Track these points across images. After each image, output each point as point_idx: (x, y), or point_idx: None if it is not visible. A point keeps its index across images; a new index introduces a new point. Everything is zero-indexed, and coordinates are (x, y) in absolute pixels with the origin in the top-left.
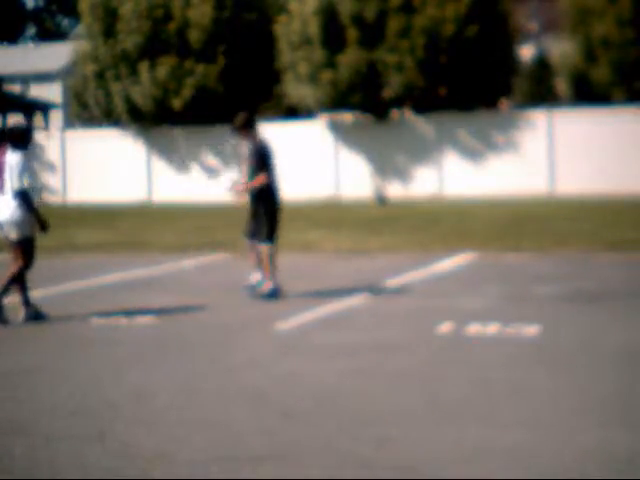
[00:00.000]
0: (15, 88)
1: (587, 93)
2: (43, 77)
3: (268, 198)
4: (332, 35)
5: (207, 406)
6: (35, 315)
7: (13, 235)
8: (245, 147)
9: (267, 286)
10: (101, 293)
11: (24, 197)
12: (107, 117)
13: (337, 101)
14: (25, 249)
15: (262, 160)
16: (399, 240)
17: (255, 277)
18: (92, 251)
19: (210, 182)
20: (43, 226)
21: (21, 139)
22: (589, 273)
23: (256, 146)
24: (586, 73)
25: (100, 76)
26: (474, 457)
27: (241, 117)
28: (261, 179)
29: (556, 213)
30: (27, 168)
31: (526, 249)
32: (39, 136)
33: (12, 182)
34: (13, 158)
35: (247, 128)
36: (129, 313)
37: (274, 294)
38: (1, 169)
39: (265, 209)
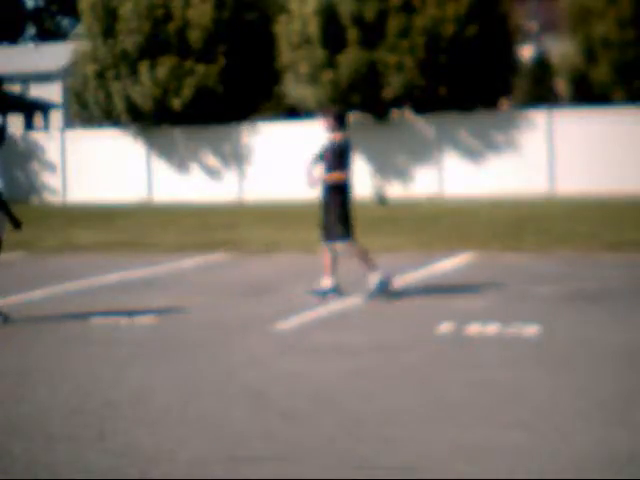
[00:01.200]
0: (15, 88)
1: (587, 93)
2: (43, 77)
3: (342, 197)
4: (332, 35)
5: (207, 406)
6: None
7: None
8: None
9: (378, 277)
10: (101, 293)
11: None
12: (107, 117)
13: (337, 101)
14: None
15: (341, 158)
16: (399, 240)
17: (325, 282)
18: (92, 251)
19: (210, 183)
20: (17, 223)
21: None
22: (589, 273)
23: (338, 143)
24: (586, 73)
25: (100, 76)
26: (474, 457)
27: (336, 110)
28: (337, 176)
29: (556, 213)
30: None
31: (526, 249)
32: (39, 136)
33: None
34: None
35: (336, 122)
36: (129, 313)
37: (384, 286)
38: None
39: (339, 208)
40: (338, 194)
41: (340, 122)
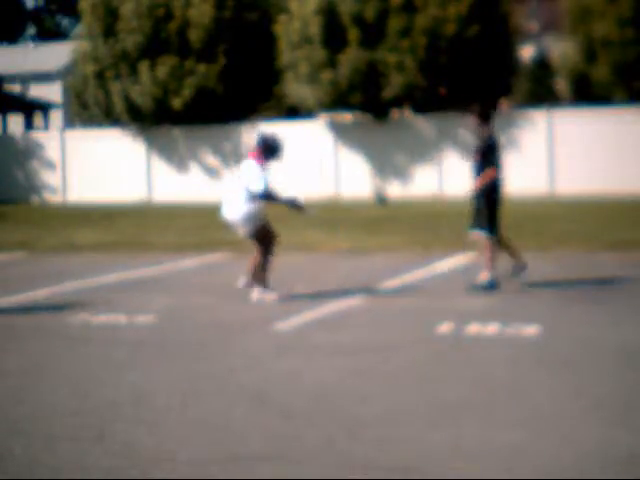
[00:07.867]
0: (15, 88)
1: (587, 93)
2: (43, 77)
3: (491, 190)
4: (332, 35)
5: (207, 406)
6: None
7: (242, 232)
8: (477, 139)
9: (484, 277)
10: (101, 293)
11: (268, 196)
12: (107, 117)
13: (337, 101)
14: (258, 240)
15: (490, 155)
16: (399, 240)
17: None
18: (92, 251)
19: (210, 182)
20: (298, 207)
21: (270, 150)
22: (589, 273)
23: (485, 140)
24: (586, 73)
25: (100, 76)
26: (474, 457)
27: (479, 106)
28: (490, 175)
29: (556, 213)
30: (264, 173)
31: (526, 249)
32: (39, 135)
33: (250, 184)
34: (252, 164)
35: (482, 118)
36: (129, 313)
37: (491, 286)
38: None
39: (486, 201)
40: (487, 189)
41: (485, 117)
